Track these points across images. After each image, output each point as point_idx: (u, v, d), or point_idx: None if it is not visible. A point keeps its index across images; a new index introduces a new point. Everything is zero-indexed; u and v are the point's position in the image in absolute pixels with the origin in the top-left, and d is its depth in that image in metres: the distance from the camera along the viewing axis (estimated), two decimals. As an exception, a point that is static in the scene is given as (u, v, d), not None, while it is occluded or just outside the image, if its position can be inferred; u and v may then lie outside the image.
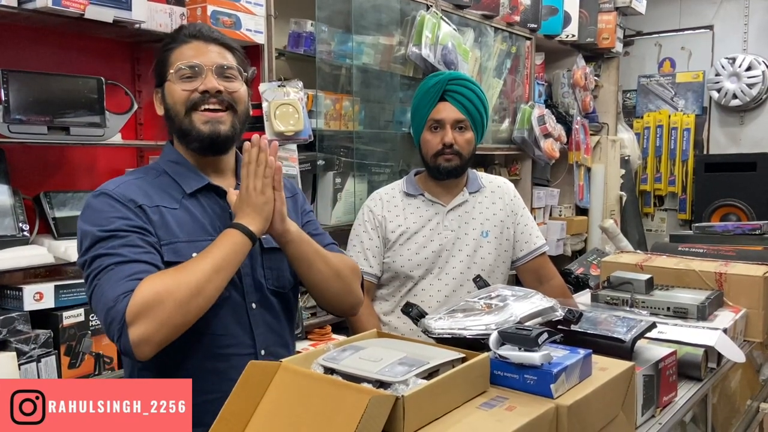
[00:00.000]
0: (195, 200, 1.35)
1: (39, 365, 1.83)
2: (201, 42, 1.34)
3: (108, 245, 1.22)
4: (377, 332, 1.26)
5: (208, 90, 1.31)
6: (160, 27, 2.08)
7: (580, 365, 1.12)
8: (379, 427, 0.87)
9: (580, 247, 4.45)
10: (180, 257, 1.25)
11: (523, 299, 1.31)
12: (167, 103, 1.35)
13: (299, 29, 2.59)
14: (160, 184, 1.35)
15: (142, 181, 1.34)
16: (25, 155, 2.09)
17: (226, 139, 1.35)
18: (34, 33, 2.09)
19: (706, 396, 1.70)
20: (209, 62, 1.32)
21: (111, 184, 1.32)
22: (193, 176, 1.36)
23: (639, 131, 5.25)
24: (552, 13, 3.89)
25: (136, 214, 1.27)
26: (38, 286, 1.88)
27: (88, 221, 1.26)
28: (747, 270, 2.03)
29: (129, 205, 1.27)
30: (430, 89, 1.99)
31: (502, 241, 2.05)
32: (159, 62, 1.37)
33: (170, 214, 1.30)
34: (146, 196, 1.31)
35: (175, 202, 1.32)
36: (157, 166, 1.40)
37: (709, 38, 5.09)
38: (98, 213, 1.26)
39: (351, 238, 2.07)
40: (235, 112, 1.35)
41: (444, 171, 1.98)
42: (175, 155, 1.39)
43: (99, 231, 1.23)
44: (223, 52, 1.35)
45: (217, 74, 1.33)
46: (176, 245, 1.28)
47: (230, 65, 1.35)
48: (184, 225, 1.30)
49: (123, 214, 1.26)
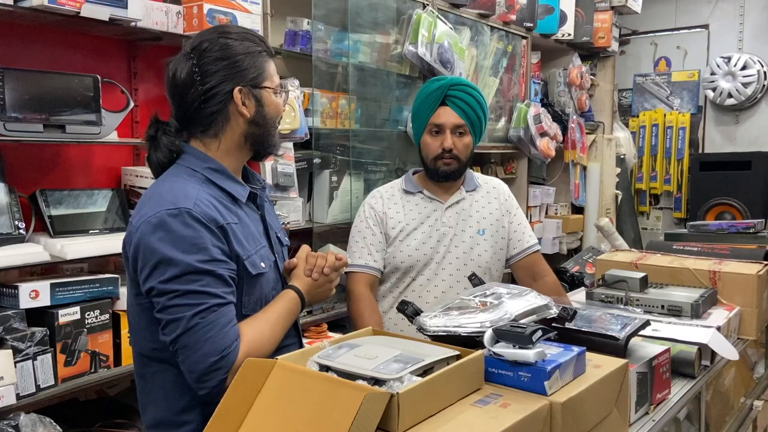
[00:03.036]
0: (241, 208, 1.37)
1: (35, 363, 1.83)
2: (272, 60, 1.41)
3: (204, 281, 1.21)
4: (373, 330, 1.27)
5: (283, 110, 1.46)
6: (156, 25, 2.07)
7: (574, 362, 1.13)
8: (374, 423, 0.88)
9: (575, 246, 4.46)
10: (256, 269, 1.32)
11: (517, 297, 1.32)
12: (266, 111, 1.36)
13: (296, 27, 2.59)
14: (213, 194, 1.32)
15: (204, 194, 1.29)
16: (21, 153, 2.08)
17: None
18: (29, 31, 2.09)
19: (699, 393, 1.71)
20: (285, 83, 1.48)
21: (183, 200, 1.24)
22: (237, 185, 1.37)
23: (635, 130, 5.27)
24: (548, 11, 3.90)
25: (219, 238, 1.25)
26: (34, 284, 1.88)
27: (172, 245, 1.20)
28: (741, 268, 2.04)
29: (211, 227, 1.24)
30: (431, 94, 2.01)
31: (498, 239, 2.07)
32: (247, 64, 1.33)
33: (237, 229, 1.31)
34: (219, 213, 1.28)
35: (233, 215, 1.32)
36: (195, 172, 1.33)
37: (705, 37, 5.10)
38: (183, 239, 1.21)
39: (353, 234, 2.08)
40: None
41: (443, 174, 2.02)
42: (214, 163, 1.34)
43: (192, 261, 1.20)
44: None
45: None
46: (252, 258, 1.32)
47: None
48: (248, 236, 1.33)
49: (211, 242, 1.23)
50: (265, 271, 1.35)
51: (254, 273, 1.31)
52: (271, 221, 1.46)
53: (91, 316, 1.97)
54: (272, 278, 1.38)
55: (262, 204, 1.44)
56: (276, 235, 1.46)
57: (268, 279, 1.36)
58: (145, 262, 1.22)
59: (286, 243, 1.52)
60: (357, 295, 1.98)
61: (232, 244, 1.27)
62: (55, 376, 1.88)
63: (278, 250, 1.45)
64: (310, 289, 1.40)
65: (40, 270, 2.03)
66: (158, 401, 1.33)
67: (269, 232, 1.43)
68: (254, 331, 1.26)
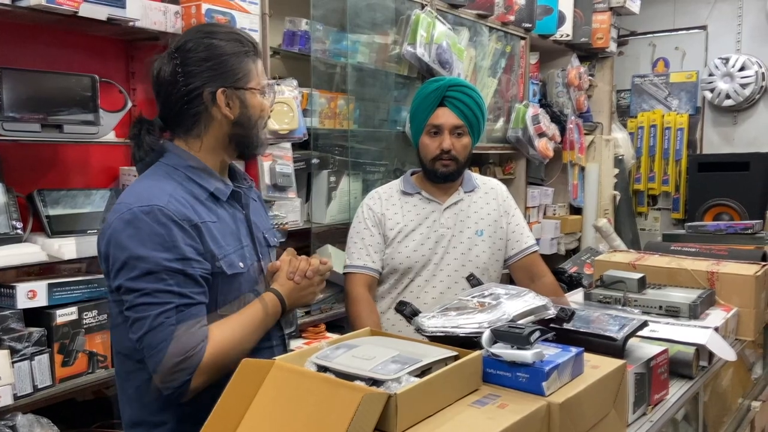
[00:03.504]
0: (222, 207, 1.35)
1: (32, 363, 1.82)
2: (259, 59, 1.39)
3: (171, 281, 1.20)
4: (371, 330, 1.27)
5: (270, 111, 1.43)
6: (154, 25, 2.07)
7: (572, 363, 1.13)
8: (371, 424, 0.88)
9: (573, 246, 4.46)
10: (233, 269, 1.31)
11: (516, 297, 1.32)
12: (249, 112, 1.35)
13: (294, 28, 2.59)
14: (192, 192, 1.31)
15: (182, 191, 1.29)
16: (19, 153, 2.08)
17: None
18: (27, 30, 2.08)
19: (697, 394, 1.71)
20: (272, 83, 1.44)
21: (158, 197, 1.24)
22: (219, 183, 1.36)
23: (633, 131, 5.27)
24: (547, 12, 3.90)
25: (192, 236, 1.24)
26: (31, 284, 1.87)
27: (141, 243, 1.20)
28: (739, 269, 2.04)
29: (184, 225, 1.23)
30: (429, 94, 2.01)
31: (496, 240, 2.07)
32: (232, 64, 1.32)
33: (215, 227, 1.30)
34: (194, 211, 1.27)
35: (212, 213, 1.32)
36: (175, 170, 1.33)
37: (703, 38, 5.11)
38: (154, 236, 1.20)
39: (351, 235, 2.08)
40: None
41: (441, 176, 2.03)
42: (194, 160, 1.34)
43: (161, 260, 1.19)
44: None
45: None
46: (229, 258, 1.30)
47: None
48: (226, 235, 1.32)
49: (183, 241, 1.22)
50: (242, 271, 1.33)
51: (230, 273, 1.29)
52: (257, 221, 1.44)
53: (88, 316, 1.96)
54: (252, 279, 1.36)
55: (248, 203, 1.43)
56: (263, 235, 1.44)
57: (247, 279, 1.35)
58: (115, 259, 1.22)
59: (273, 244, 1.50)
60: (355, 296, 1.97)
61: (207, 243, 1.26)
62: (52, 377, 1.88)
63: (263, 250, 1.43)
64: (291, 293, 1.37)
65: (37, 270, 2.02)
66: (133, 401, 1.33)
67: (253, 231, 1.41)
68: (224, 334, 1.24)
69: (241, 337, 1.27)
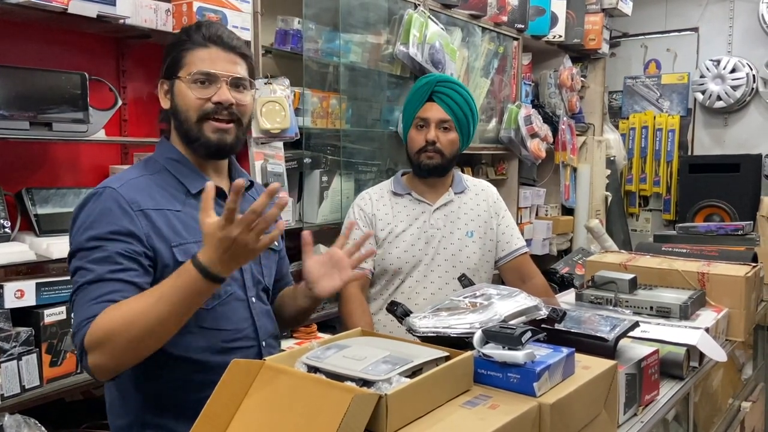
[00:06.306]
0: (197, 201, 1.32)
1: (20, 363, 1.81)
2: (220, 49, 1.33)
3: (88, 258, 1.20)
4: (362, 330, 1.26)
5: (222, 102, 1.31)
6: (145, 23, 2.06)
7: (563, 364, 1.12)
8: (362, 425, 0.87)
9: (565, 247, 4.47)
10: (187, 257, 1.23)
11: (507, 298, 1.31)
12: (177, 103, 1.34)
13: (286, 26, 2.58)
14: (162, 183, 1.32)
15: (146, 180, 1.31)
16: (7, 151, 2.06)
17: (232, 147, 1.37)
18: (16, 27, 2.07)
19: (688, 394, 1.72)
20: (225, 73, 1.32)
21: (116, 180, 1.29)
22: (196, 176, 1.36)
23: (625, 132, 5.29)
24: (539, 13, 3.90)
25: (134, 220, 1.24)
26: (19, 284, 1.86)
27: (81, 219, 1.24)
28: (729, 270, 2.05)
29: (130, 208, 1.24)
30: (419, 89, 2.05)
31: (486, 241, 2.07)
32: (172, 57, 1.34)
33: (175, 217, 1.30)
34: (151, 198, 1.28)
35: (178, 203, 1.31)
36: (155, 162, 1.37)
37: (695, 40, 5.13)
38: (91, 215, 1.23)
39: None
40: (240, 125, 1.37)
41: (425, 168, 2.02)
42: (176, 153, 1.36)
43: (86, 238, 1.21)
44: (238, 61, 1.35)
45: (231, 85, 1.33)
46: (187, 246, 1.28)
47: (244, 77, 1.36)
48: (190, 227, 1.30)
49: (116, 221, 1.22)
50: None
51: (182, 260, 1.22)
52: None
53: (77, 316, 1.95)
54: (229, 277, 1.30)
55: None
56: None
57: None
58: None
59: (273, 247, 1.49)
60: (348, 295, 1.97)
61: (158, 229, 1.26)
62: (40, 377, 1.86)
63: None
64: (216, 253, 1.11)
65: (25, 269, 2.01)
66: (118, 401, 1.32)
67: None
68: (113, 313, 1.13)
69: (136, 315, 1.12)
